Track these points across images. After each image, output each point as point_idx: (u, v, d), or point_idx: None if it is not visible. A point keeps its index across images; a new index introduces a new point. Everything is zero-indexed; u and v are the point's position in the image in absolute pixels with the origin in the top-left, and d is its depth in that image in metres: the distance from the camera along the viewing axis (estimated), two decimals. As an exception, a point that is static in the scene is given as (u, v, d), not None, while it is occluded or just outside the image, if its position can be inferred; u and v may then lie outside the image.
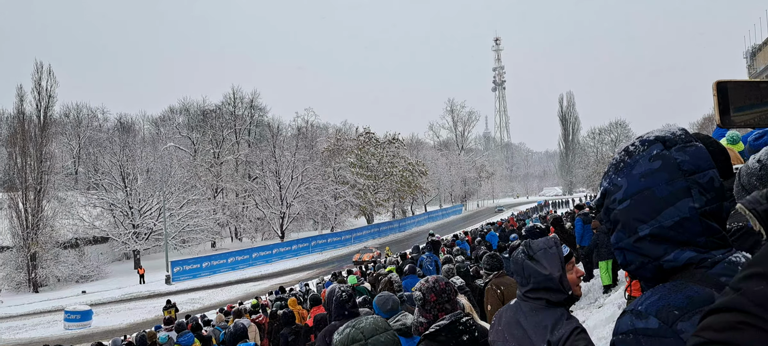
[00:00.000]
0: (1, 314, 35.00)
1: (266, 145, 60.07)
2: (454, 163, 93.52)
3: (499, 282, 5.08)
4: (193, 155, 62.80)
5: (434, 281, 2.82)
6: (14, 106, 49.40)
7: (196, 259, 46.82)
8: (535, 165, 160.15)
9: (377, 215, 72.58)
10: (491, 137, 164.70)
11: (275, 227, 57.31)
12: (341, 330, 2.15)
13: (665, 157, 1.13)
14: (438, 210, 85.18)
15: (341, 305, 4.44)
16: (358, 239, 59.71)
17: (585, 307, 11.04)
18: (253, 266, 47.86)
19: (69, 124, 71.49)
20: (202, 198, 55.62)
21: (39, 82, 49.02)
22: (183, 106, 76.99)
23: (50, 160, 48.91)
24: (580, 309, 10.80)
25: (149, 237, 51.00)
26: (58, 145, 57.97)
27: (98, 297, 37.29)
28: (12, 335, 29.08)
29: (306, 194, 58.00)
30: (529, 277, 2.19)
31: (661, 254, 1.12)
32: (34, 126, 48.30)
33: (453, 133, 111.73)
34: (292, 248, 53.03)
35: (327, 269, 40.78)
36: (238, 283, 40.25)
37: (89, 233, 51.01)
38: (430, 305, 2.74)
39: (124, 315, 31.81)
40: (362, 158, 66.76)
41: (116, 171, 50.52)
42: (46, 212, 46.92)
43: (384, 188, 67.65)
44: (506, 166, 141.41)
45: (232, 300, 29.60)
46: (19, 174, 46.74)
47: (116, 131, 72.09)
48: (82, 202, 51.80)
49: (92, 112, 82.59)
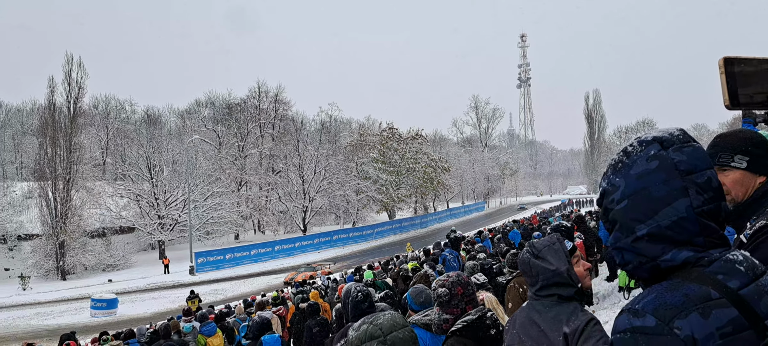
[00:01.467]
0: (30, 301, 35.93)
1: (290, 139, 60.46)
2: (477, 160, 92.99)
3: (522, 280, 5.00)
4: (217, 148, 63.47)
5: (457, 275, 2.79)
6: (45, 97, 50.36)
7: (219, 250, 47.39)
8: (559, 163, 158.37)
9: (399, 211, 72.57)
10: (515, 134, 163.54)
11: (298, 220, 57.69)
12: (358, 326, 2.13)
13: (662, 158, 1.14)
14: (460, 207, 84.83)
15: (357, 305, 4.37)
16: (380, 234, 59.79)
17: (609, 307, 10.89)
18: (275, 258, 48.25)
19: (98, 116, 72.78)
20: (226, 191, 56.21)
21: (69, 74, 49.86)
22: (209, 100, 77.92)
23: (79, 150, 49.80)
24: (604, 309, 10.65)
25: (174, 228, 51.74)
26: (87, 136, 59.03)
27: (124, 286, 38.00)
28: (40, 321, 29.80)
29: (328, 189, 58.26)
30: (537, 275, 2.21)
31: (658, 254, 1.12)
32: (64, 117, 49.15)
33: (477, 130, 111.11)
34: (314, 242, 53.34)
35: (349, 263, 40.94)
36: (261, 275, 40.64)
37: (116, 223, 51.95)
38: (458, 299, 2.70)
39: (148, 304, 32.36)
40: (385, 154, 66.77)
41: (143, 162, 51.32)
42: (74, 201, 47.84)
43: (406, 184, 67.59)
44: (530, 163, 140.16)
45: (254, 292, 29.89)
46: (49, 164, 47.70)
47: (143, 123, 73.42)
48: (109, 192, 52.78)
49: (120, 104, 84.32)
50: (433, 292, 2.77)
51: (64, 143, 47.93)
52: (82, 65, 50.63)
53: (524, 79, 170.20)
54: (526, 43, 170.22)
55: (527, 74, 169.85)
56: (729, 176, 1.74)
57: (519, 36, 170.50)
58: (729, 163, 1.75)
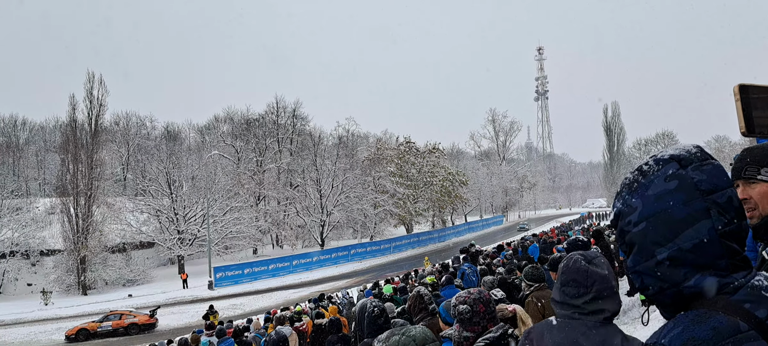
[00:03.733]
0: (52, 316, 36.29)
1: (308, 153, 60.76)
2: (495, 174, 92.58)
3: (540, 295, 4.93)
4: (236, 163, 63.98)
5: (478, 292, 2.71)
6: (67, 114, 51.21)
7: (238, 265, 47.57)
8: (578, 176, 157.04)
9: (417, 225, 72.34)
10: (533, 147, 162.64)
11: (315, 234, 57.78)
12: (386, 337, 2.09)
13: (681, 177, 1.09)
14: (478, 221, 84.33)
15: (374, 320, 4.33)
16: (398, 248, 59.61)
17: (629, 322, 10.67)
18: (293, 273, 48.29)
19: (118, 132, 73.96)
20: (245, 205, 56.51)
21: (90, 92, 50.61)
22: (227, 115, 78.77)
23: (100, 166, 50.46)
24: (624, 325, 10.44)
25: (193, 243, 52.09)
26: (108, 152, 59.88)
27: (143, 301, 38.21)
28: (62, 336, 30.07)
29: (346, 203, 58.33)
30: (591, 284, 2.00)
31: (680, 280, 1.07)
32: (85, 133, 49.88)
33: (494, 143, 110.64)
34: (332, 256, 53.31)
35: (366, 277, 40.81)
36: (279, 290, 40.63)
37: (136, 238, 52.45)
38: (480, 316, 2.63)
39: (167, 319, 32.47)
40: (402, 168, 66.74)
41: (163, 178, 51.85)
42: (95, 216, 48.41)
43: (424, 198, 67.44)
44: (548, 177, 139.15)
45: (272, 307, 29.85)
46: (71, 180, 48.36)
47: (163, 139, 74.29)
48: (129, 207, 53.39)
49: (141, 120, 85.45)
50: (454, 308, 2.70)
51: (85, 160, 48.56)
52: (102, 83, 51.39)
53: (542, 92, 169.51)
54: (543, 56, 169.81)
55: (545, 87, 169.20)
56: (756, 189, 1.69)
57: (536, 49, 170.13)
58: (755, 176, 1.69)
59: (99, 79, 51.17)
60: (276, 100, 68.37)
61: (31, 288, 47.11)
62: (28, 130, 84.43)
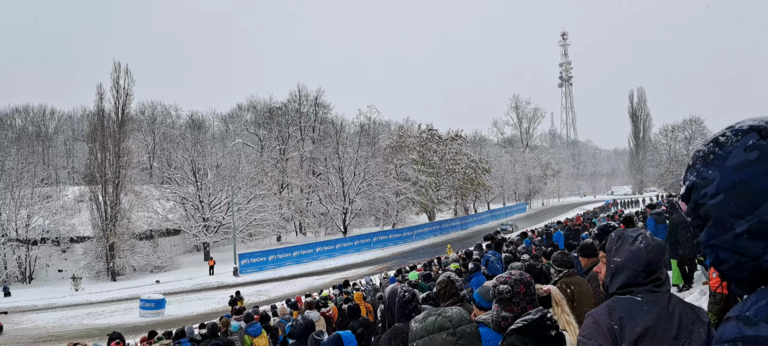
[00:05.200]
0: (82, 301, 37.21)
1: (330, 142, 60.99)
2: (518, 161, 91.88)
3: (569, 281, 4.92)
4: (260, 151, 64.51)
5: (520, 274, 2.73)
6: (94, 103, 52.01)
7: (262, 252, 48.13)
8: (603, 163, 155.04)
9: (439, 213, 72.26)
10: (557, 134, 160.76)
11: (338, 222, 58.13)
12: (423, 318, 2.13)
13: (762, 148, 1.05)
14: (501, 208, 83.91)
15: (404, 305, 4.37)
16: (420, 236, 59.67)
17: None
18: (316, 260, 48.71)
19: (144, 121, 75.03)
20: (269, 193, 57.02)
21: (117, 81, 51.22)
22: (250, 104, 79.42)
23: (127, 155, 51.23)
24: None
25: (218, 230, 52.79)
26: (135, 140, 60.72)
27: (171, 287, 38.95)
28: (92, 320, 30.83)
29: (368, 191, 58.51)
30: (661, 257, 2.13)
31: (760, 253, 1.04)
32: (112, 123, 50.55)
33: (517, 130, 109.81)
34: (355, 244, 53.61)
35: (389, 265, 40.99)
36: (303, 276, 41.04)
37: (163, 226, 53.35)
38: (520, 297, 2.65)
39: (195, 305, 33.11)
40: (424, 155, 66.61)
41: (188, 166, 52.53)
42: (123, 204, 49.27)
43: (446, 185, 67.28)
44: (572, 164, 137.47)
45: (296, 293, 30.20)
46: (98, 168, 49.23)
47: (188, 128, 75.29)
48: (156, 195, 54.28)
49: (166, 109, 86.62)
50: (494, 289, 2.72)
51: (112, 148, 49.30)
52: (129, 72, 51.90)
53: (566, 78, 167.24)
54: (567, 42, 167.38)
55: (569, 73, 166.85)
56: None
57: (560, 34, 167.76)
58: None
59: (125, 68, 51.75)
60: (298, 89, 68.69)
61: (62, 274, 48.26)
62: (56, 119, 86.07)
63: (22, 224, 48.24)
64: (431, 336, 2.08)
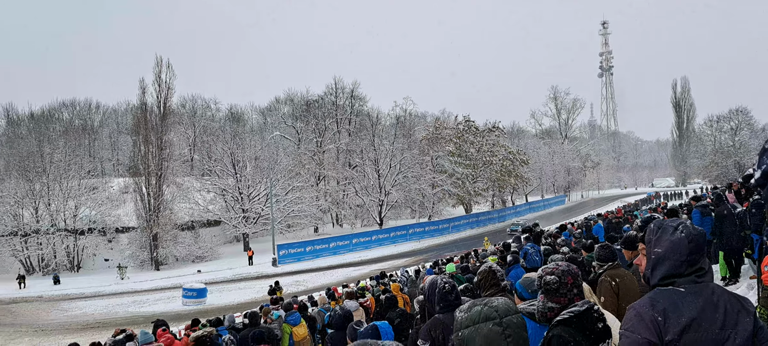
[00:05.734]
0: (128, 289, 38.44)
1: (366, 134, 61.20)
2: (557, 153, 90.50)
3: (614, 274, 4.86)
4: (297, 144, 65.24)
5: (567, 265, 2.71)
6: (138, 97, 53.28)
7: (300, 243, 48.74)
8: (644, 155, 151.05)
9: (476, 205, 71.80)
10: (597, 125, 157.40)
11: (374, 214, 58.36)
12: (468, 308, 2.14)
13: None
14: (539, 200, 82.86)
15: (444, 296, 4.38)
16: (456, 228, 59.41)
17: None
18: (353, 251, 49.04)
19: (185, 115, 76.57)
20: (306, 185, 57.65)
21: (159, 75, 52.29)
22: (288, 97, 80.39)
23: (169, 147, 52.38)
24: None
25: (257, 221, 53.68)
26: (176, 134, 62.00)
27: (212, 276, 39.83)
28: (137, 308, 31.82)
29: (404, 183, 58.53)
30: (702, 246, 2.12)
31: None
32: (155, 116, 51.72)
33: (556, 122, 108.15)
34: (391, 235, 53.74)
35: (425, 257, 40.99)
36: (340, 267, 41.39)
37: (203, 217, 54.56)
38: (567, 288, 2.63)
39: (235, 294, 33.81)
40: (461, 147, 66.19)
41: (227, 158, 53.49)
42: (165, 196, 50.49)
43: (483, 177, 66.75)
44: (613, 155, 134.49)
45: (334, 283, 30.50)
46: (142, 161, 50.54)
47: (227, 121, 76.62)
48: (197, 187, 55.54)
49: (206, 103, 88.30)
50: (540, 279, 2.71)
51: (155, 141, 50.46)
52: (170, 67, 52.87)
53: (606, 68, 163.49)
54: (607, 31, 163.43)
55: (609, 63, 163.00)
56: None
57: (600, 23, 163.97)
58: None
59: (167, 63, 52.77)
60: (334, 82, 69.11)
61: (108, 263, 49.89)
62: (102, 113, 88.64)
63: (70, 214, 50.05)
64: (477, 326, 2.08)
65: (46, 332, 27.37)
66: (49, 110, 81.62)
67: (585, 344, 2.32)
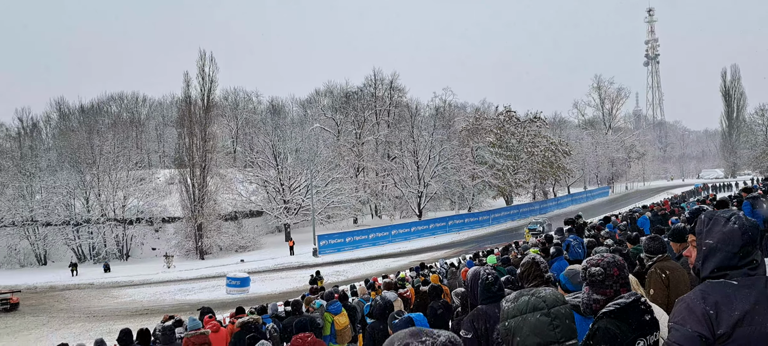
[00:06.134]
0: (174, 278, 39.59)
1: (405, 125, 61.10)
2: (600, 143, 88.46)
3: (664, 266, 4.77)
4: (336, 136, 65.67)
5: (612, 256, 2.68)
6: (182, 90, 54.57)
7: (340, 234, 49.21)
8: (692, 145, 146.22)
9: (517, 196, 70.98)
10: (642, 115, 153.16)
11: (413, 205, 58.35)
12: (514, 298, 2.14)
13: None
14: (582, 192, 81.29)
15: (487, 287, 4.39)
16: (497, 220, 58.89)
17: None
18: (392, 242, 49.20)
19: (228, 107, 77.93)
20: (345, 176, 58.07)
21: (202, 69, 53.45)
22: (327, 89, 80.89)
23: (213, 139, 53.52)
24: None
25: (298, 212, 54.41)
26: (219, 126, 63.32)
27: (254, 266, 40.60)
28: (183, 296, 32.77)
29: (443, 174, 58.29)
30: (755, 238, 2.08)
31: None
32: (198, 109, 52.86)
33: (600, 112, 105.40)
34: (430, 227, 53.66)
35: (464, 248, 40.83)
36: (379, 258, 41.61)
37: (246, 207, 55.64)
38: (613, 279, 2.60)
39: (277, 283, 34.42)
40: (502, 138, 65.44)
41: (269, 150, 54.33)
42: (209, 187, 51.65)
43: (524, 169, 65.88)
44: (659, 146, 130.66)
45: (373, 274, 30.68)
46: (187, 152, 51.81)
47: (268, 113, 77.58)
48: (239, 178, 56.63)
49: (247, 95, 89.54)
50: (585, 271, 2.69)
51: (199, 133, 51.59)
52: (213, 60, 53.95)
53: (652, 56, 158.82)
54: (653, 18, 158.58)
55: (655, 51, 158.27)
56: None
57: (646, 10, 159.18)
58: None
59: (210, 56, 53.88)
60: (374, 73, 69.20)
61: (155, 252, 51.44)
62: (148, 106, 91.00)
63: (119, 204, 51.82)
64: (524, 316, 2.09)
65: (97, 317, 28.47)
66: (98, 103, 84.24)
67: (631, 336, 2.29)
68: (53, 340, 18.76)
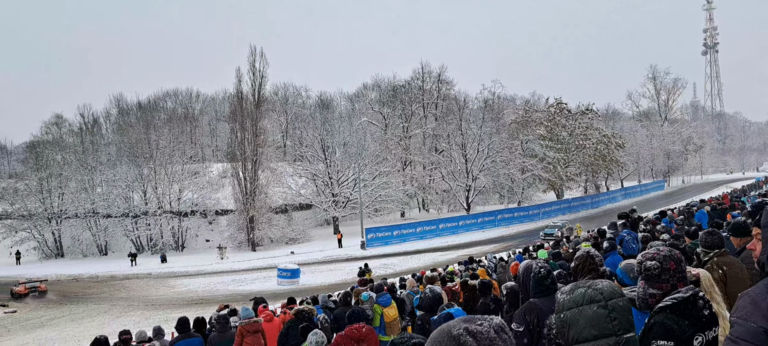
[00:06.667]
0: (227, 269, 40.68)
1: (453, 118, 60.71)
2: (655, 136, 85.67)
3: (722, 262, 4.64)
4: (384, 129, 65.88)
5: (669, 250, 2.65)
6: (234, 86, 55.79)
7: (387, 227, 49.39)
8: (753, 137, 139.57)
9: (568, 190, 69.59)
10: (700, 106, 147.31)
11: (461, 199, 57.99)
12: (570, 290, 2.16)
13: None
14: (636, 186, 78.91)
15: (540, 281, 4.38)
16: (547, 214, 57.86)
17: None
18: (439, 236, 49.04)
19: (278, 102, 79.29)
20: (393, 170, 58.24)
21: (253, 64, 54.52)
22: (375, 83, 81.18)
23: (264, 134, 54.59)
24: None
25: (346, 205, 54.95)
26: (270, 120, 64.37)
27: (304, 258, 41.26)
28: (236, 286, 33.65)
29: (492, 167, 57.67)
30: None
31: None
32: (249, 104, 54.02)
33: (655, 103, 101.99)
34: (478, 221, 53.21)
35: (514, 243, 40.30)
36: (426, 252, 41.56)
37: (296, 200, 56.61)
38: (669, 273, 2.56)
39: (326, 275, 34.90)
40: (552, 130, 64.24)
41: (318, 144, 55.05)
42: (260, 180, 52.76)
43: (576, 162, 64.50)
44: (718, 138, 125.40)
45: (421, 267, 30.71)
46: (239, 147, 53.05)
47: (317, 108, 78.57)
48: (289, 172, 57.62)
49: (297, 90, 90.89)
50: (640, 265, 2.67)
51: (250, 128, 52.72)
52: (263, 56, 54.89)
53: (710, 45, 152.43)
54: (712, 5, 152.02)
55: (714, 40, 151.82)
56: None
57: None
58: None
59: (260, 52, 54.84)
60: (421, 66, 68.95)
61: (209, 243, 52.97)
62: (201, 102, 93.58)
63: (174, 197, 53.58)
64: (580, 308, 2.09)
65: (155, 306, 29.59)
66: (154, 99, 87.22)
67: (690, 332, 2.25)
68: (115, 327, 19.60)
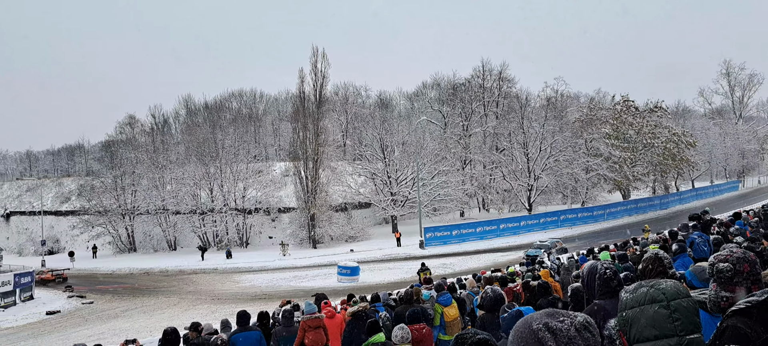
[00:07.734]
0: (289, 265, 41.65)
1: (514, 116, 59.73)
2: (729, 134, 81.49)
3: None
4: (443, 128, 65.62)
5: (743, 252, 2.55)
6: (296, 86, 56.92)
7: (446, 226, 49.19)
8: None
9: (635, 191, 67.22)
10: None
11: (522, 199, 57.00)
12: (634, 289, 2.13)
13: None
14: (708, 186, 75.33)
15: (606, 282, 4.31)
16: (612, 215, 56.12)
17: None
18: (500, 236, 48.42)
19: (338, 102, 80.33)
20: (452, 169, 57.89)
21: (315, 65, 55.32)
22: (435, 82, 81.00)
23: (324, 133, 55.47)
24: None
25: (405, 204, 55.10)
26: (330, 120, 65.38)
27: (363, 256, 41.71)
28: (297, 283, 34.39)
29: (555, 167, 56.34)
30: None
31: None
32: (311, 104, 54.98)
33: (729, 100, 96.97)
34: (540, 221, 52.20)
35: (577, 244, 39.26)
36: (486, 252, 41.15)
37: (355, 199, 57.26)
38: (742, 276, 2.49)
39: (384, 273, 35.16)
40: (618, 129, 62.14)
41: (377, 144, 55.46)
42: (321, 179, 53.67)
43: (643, 161, 62.14)
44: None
45: (481, 268, 30.42)
46: (300, 146, 54.13)
47: (376, 107, 79.14)
48: (349, 171, 58.36)
49: (357, 90, 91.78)
50: (711, 267, 2.59)
51: (312, 128, 53.68)
52: (325, 56, 55.64)
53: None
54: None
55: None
56: None
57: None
58: None
59: (322, 52, 55.60)
60: (482, 64, 68.19)
61: (272, 240, 54.37)
62: (264, 102, 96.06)
63: (239, 195, 55.29)
64: (642, 308, 2.06)
65: (221, 299, 30.66)
66: (220, 100, 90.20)
67: (765, 336, 2.17)
68: (184, 319, 20.44)
